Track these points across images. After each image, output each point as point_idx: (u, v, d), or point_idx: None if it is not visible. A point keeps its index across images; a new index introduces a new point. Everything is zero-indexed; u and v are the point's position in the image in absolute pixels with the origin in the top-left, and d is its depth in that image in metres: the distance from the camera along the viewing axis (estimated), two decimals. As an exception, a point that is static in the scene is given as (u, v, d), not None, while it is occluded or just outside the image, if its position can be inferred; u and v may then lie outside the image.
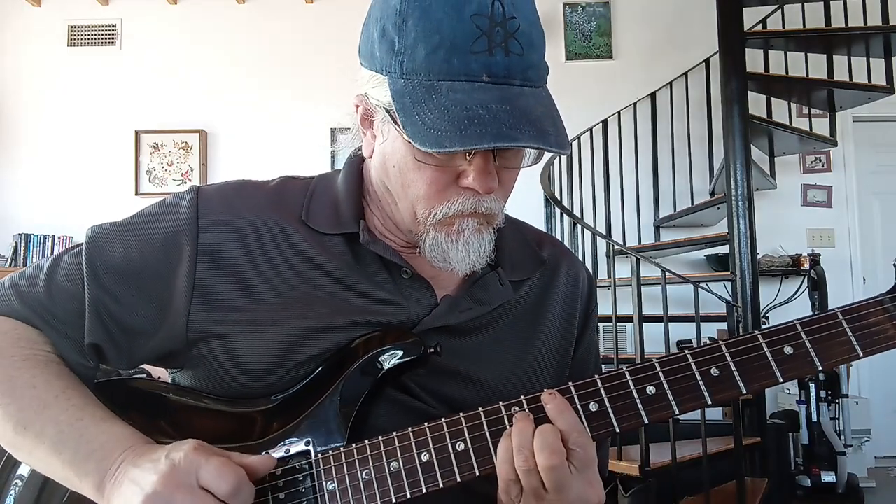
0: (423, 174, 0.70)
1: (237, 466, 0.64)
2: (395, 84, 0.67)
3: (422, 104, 0.65)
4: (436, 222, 0.72)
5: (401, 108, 0.66)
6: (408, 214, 0.74)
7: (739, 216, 3.32)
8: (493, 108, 0.64)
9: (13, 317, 0.77)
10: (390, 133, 0.72)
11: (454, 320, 0.78)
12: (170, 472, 0.62)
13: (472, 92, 0.65)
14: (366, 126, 0.77)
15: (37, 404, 0.71)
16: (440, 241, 0.73)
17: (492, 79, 0.65)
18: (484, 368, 0.79)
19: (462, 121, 0.63)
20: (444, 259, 0.73)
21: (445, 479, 0.67)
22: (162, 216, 0.78)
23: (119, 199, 4.52)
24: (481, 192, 0.70)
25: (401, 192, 0.73)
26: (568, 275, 0.89)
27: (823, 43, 3.85)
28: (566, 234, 3.69)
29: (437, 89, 0.65)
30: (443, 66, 0.65)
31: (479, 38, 0.65)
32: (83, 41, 4.88)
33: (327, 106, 4.35)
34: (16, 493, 0.77)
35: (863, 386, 4.36)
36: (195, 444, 0.65)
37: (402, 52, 0.67)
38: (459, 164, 0.70)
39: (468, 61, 0.65)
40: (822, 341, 0.65)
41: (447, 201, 0.71)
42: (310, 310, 0.75)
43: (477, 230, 0.73)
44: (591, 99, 4.41)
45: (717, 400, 0.66)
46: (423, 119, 0.64)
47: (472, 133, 0.63)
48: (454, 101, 0.64)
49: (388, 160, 0.73)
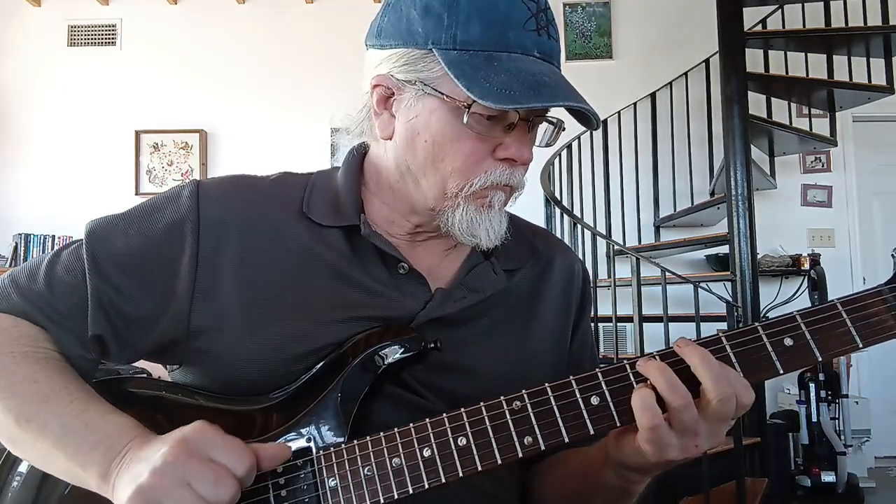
0: (463, 145, 0.73)
1: (252, 451, 0.64)
2: (446, 55, 0.70)
3: (484, 70, 0.69)
4: (469, 194, 0.74)
5: (461, 74, 0.69)
6: (434, 191, 0.75)
7: (739, 216, 3.32)
8: (553, 78, 0.71)
9: (14, 313, 0.77)
10: (425, 106, 0.74)
11: (449, 309, 0.78)
12: (182, 441, 0.61)
13: (530, 63, 0.71)
14: (381, 108, 0.78)
15: (39, 398, 0.70)
16: (470, 213, 0.75)
17: (542, 55, 0.72)
18: (481, 359, 0.79)
19: (532, 83, 0.68)
20: (471, 233, 0.76)
21: (447, 475, 0.66)
22: (163, 207, 0.79)
23: (119, 199, 4.50)
24: (520, 162, 0.74)
25: (430, 168, 0.75)
26: (563, 265, 0.90)
27: (823, 43, 3.86)
28: (566, 234, 3.68)
29: (497, 59, 0.70)
30: (500, 40, 0.70)
31: (529, 19, 0.71)
32: (83, 41, 4.88)
33: (327, 106, 4.33)
34: (14, 489, 0.76)
35: (863, 386, 4.35)
36: (205, 422, 0.64)
37: (455, 25, 0.70)
38: (497, 137, 0.73)
39: (523, 37, 0.71)
40: (822, 332, 0.65)
41: (484, 172, 0.74)
42: (307, 303, 0.76)
43: (503, 204, 0.77)
44: (591, 99, 4.21)
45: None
46: (490, 81, 0.68)
47: (545, 93, 0.68)
48: (517, 69, 0.69)
49: (419, 135, 0.74)
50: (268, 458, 0.65)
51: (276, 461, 0.66)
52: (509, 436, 0.67)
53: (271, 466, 0.66)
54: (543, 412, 0.67)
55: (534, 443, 0.66)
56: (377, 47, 0.78)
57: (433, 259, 0.83)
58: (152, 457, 0.62)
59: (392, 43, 0.75)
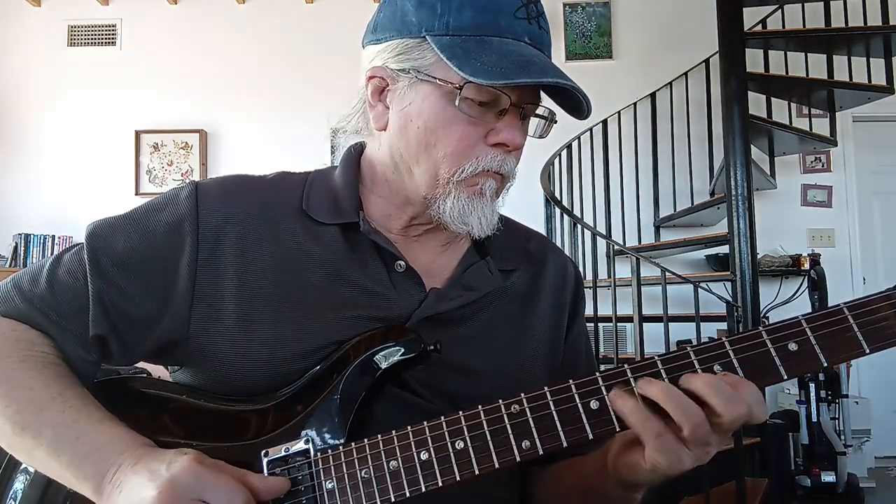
0: (455, 129, 0.74)
1: (244, 488, 0.63)
2: (439, 41, 0.73)
3: (476, 51, 0.71)
4: (460, 180, 0.75)
5: (453, 56, 0.71)
6: (427, 178, 0.76)
7: (739, 216, 3.31)
8: (543, 60, 0.73)
9: (16, 317, 0.77)
10: (418, 93, 0.75)
11: (445, 308, 0.79)
12: (170, 485, 0.61)
13: (521, 47, 0.73)
14: (376, 99, 0.79)
15: (34, 405, 0.70)
16: (462, 201, 0.76)
17: (532, 42, 0.74)
18: (478, 358, 0.80)
19: (522, 63, 0.71)
20: (462, 220, 0.76)
21: (445, 478, 0.66)
22: (162, 208, 0.79)
23: (119, 199, 4.50)
24: (511, 147, 0.75)
25: (423, 155, 0.76)
26: (555, 266, 0.91)
27: (823, 43, 3.86)
28: (566, 234, 3.68)
29: (488, 42, 0.72)
30: (492, 25, 0.73)
31: (520, 8, 0.74)
32: (83, 41, 4.88)
33: (327, 106, 4.32)
34: (20, 491, 0.77)
35: (863, 386, 4.35)
36: (196, 457, 0.64)
37: (447, 13, 0.73)
38: (489, 122, 0.74)
39: (513, 24, 0.73)
40: (827, 337, 0.63)
41: (475, 158, 0.75)
42: (305, 301, 0.76)
43: (495, 193, 0.78)
44: (591, 99, 4.35)
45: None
46: (482, 61, 0.70)
47: (534, 71, 0.70)
48: (509, 51, 0.72)
49: (412, 122, 0.76)
50: (266, 490, 0.65)
51: (274, 494, 0.66)
52: (507, 439, 0.66)
53: (269, 498, 0.66)
54: (542, 416, 0.66)
55: (532, 447, 0.66)
56: (373, 42, 0.80)
57: (429, 256, 0.84)
58: (141, 495, 0.62)
59: (387, 35, 0.77)
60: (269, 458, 0.69)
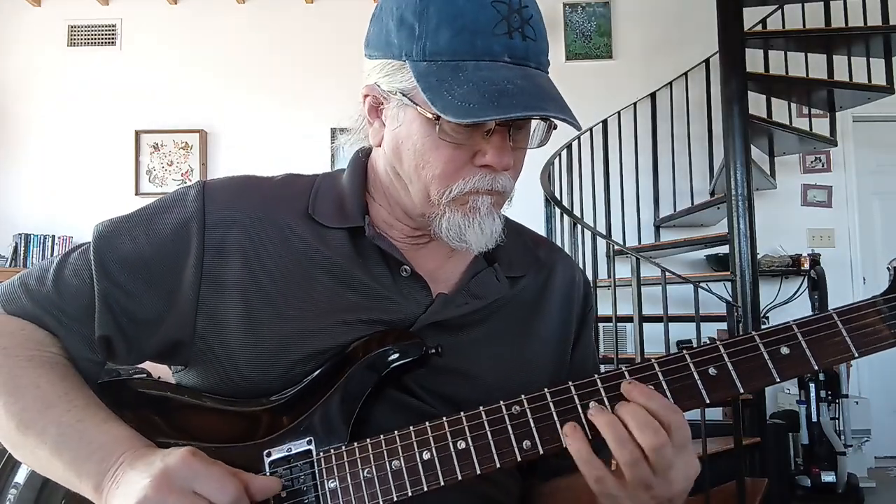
0: (441, 153, 0.73)
1: (237, 480, 0.64)
2: (416, 67, 0.71)
3: (449, 81, 0.69)
4: (451, 200, 0.74)
5: (427, 87, 0.69)
6: (420, 197, 0.76)
7: (739, 216, 3.32)
8: (519, 84, 0.69)
9: (23, 316, 0.77)
10: (406, 116, 0.74)
11: (450, 314, 0.79)
12: (163, 475, 0.62)
13: (497, 70, 0.69)
14: (373, 116, 0.79)
15: (40, 404, 0.71)
16: (456, 219, 0.75)
17: (513, 59, 0.70)
18: (481, 365, 0.80)
19: (493, 94, 0.67)
20: (460, 238, 0.75)
21: (447, 478, 0.67)
22: (169, 209, 0.79)
23: (119, 199, 4.51)
24: (498, 169, 0.73)
25: (414, 175, 0.75)
26: (563, 276, 0.90)
27: (823, 43, 3.86)
28: (566, 234, 3.68)
29: (462, 68, 0.69)
30: (467, 48, 0.69)
31: (499, 22, 0.70)
32: (83, 41, 4.89)
33: (327, 106, 4.36)
34: (15, 494, 0.77)
35: (863, 386, 4.36)
36: (191, 450, 0.65)
37: (424, 36, 0.70)
38: (476, 144, 0.73)
39: (491, 43, 0.69)
40: (817, 342, 0.67)
41: (462, 179, 0.73)
42: (310, 304, 0.76)
43: (491, 208, 0.76)
44: (591, 99, 4.40)
45: (714, 399, 0.67)
46: (453, 94, 0.68)
47: (504, 104, 0.67)
48: (482, 78, 0.68)
49: (403, 143, 0.75)
50: (258, 489, 0.66)
51: (266, 494, 0.67)
52: (508, 440, 0.67)
53: (261, 498, 0.66)
54: (542, 417, 0.67)
55: (532, 447, 0.67)
56: (367, 57, 0.79)
57: (436, 262, 0.83)
58: (137, 485, 0.62)
59: (376, 54, 0.77)
60: (271, 459, 0.70)
